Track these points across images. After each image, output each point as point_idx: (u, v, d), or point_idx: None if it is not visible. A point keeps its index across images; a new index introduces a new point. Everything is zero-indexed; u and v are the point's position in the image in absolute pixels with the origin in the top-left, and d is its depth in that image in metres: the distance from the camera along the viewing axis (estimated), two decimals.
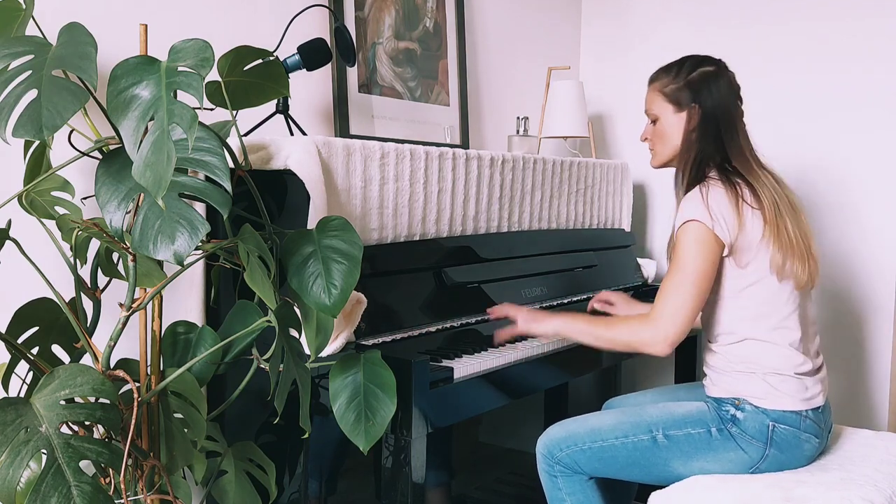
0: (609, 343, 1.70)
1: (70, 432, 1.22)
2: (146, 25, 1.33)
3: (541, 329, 1.75)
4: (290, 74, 1.73)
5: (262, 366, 1.41)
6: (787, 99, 2.59)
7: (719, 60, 1.77)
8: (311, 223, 1.53)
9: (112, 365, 1.34)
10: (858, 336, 2.52)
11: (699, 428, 1.66)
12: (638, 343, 1.65)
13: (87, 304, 1.46)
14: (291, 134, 1.87)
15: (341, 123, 2.07)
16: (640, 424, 1.70)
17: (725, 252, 1.63)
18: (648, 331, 1.63)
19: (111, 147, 1.26)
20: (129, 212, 1.20)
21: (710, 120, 1.71)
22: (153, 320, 1.40)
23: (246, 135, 1.81)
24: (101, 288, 1.42)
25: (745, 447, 1.62)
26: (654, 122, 1.81)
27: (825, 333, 2.54)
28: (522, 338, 1.89)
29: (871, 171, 2.47)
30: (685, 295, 1.61)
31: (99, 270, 1.41)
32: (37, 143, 1.36)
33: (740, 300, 1.66)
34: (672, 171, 1.81)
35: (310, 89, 2.07)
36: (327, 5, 2.06)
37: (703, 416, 1.68)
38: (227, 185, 1.19)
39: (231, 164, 1.28)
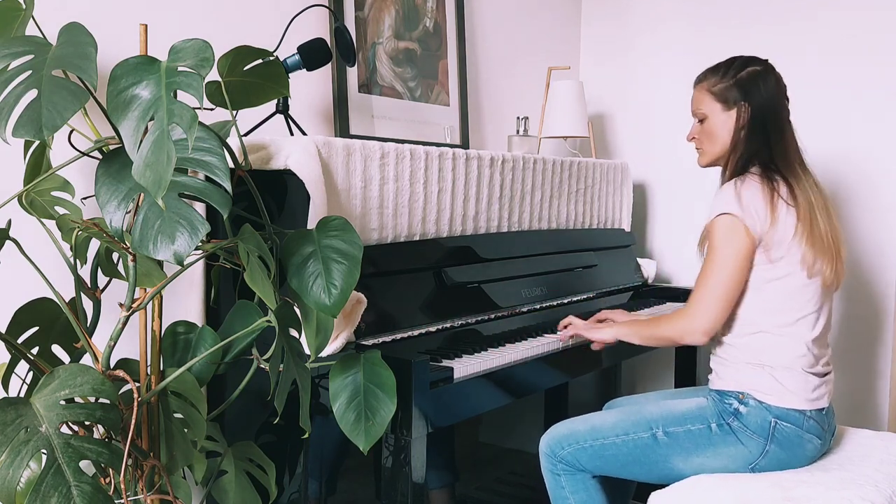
0: (655, 341, 1.79)
1: (70, 432, 1.22)
2: (146, 25, 1.33)
3: (599, 336, 1.86)
4: (290, 74, 1.73)
5: (262, 366, 1.41)
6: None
7: (766, 60, 1.78)
8: (311, 223, 1.53)
9: (112, 365, 1.34)
10: (860, 336, 2.52)
11: (699, 424, 1.67)
12: (677, 336, 1.72)
13: (87, 304, 1.46)
14: (291, 134, 1.87)
15: (341, 123, 2.07)
16: (640, 422, 1.71)
17: (756, 244, 1.66)
18: (685, 323, 1.70)
19: (111, 147, 1.26)
20: (129, 212, 1.20)
21: (758, 118, 1.73)
22: (153, 320, 1.40)
23: (246, 135, 1.81)
24: (101, 288, 1.42)
25: (746, 442, 1.63)
26: (701, 121, 1.82)
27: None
28: (525, 338, 1.89)
29: (871, 172, 2.47)
30: (718, 286, 1.66)
31: (99, 270, 1.41)
32: (37, 143, 1.36)
33: (764, 293, 1.67)
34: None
35: (310, 89, 2.07)
36: (327, 5, 2.06)
37: (703, 412, 1.69)
38: (227, 185, 1.19)
39: (231, 164, 1.28)
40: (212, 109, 1.45)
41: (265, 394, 1.42)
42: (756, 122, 1.73)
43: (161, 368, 1.41)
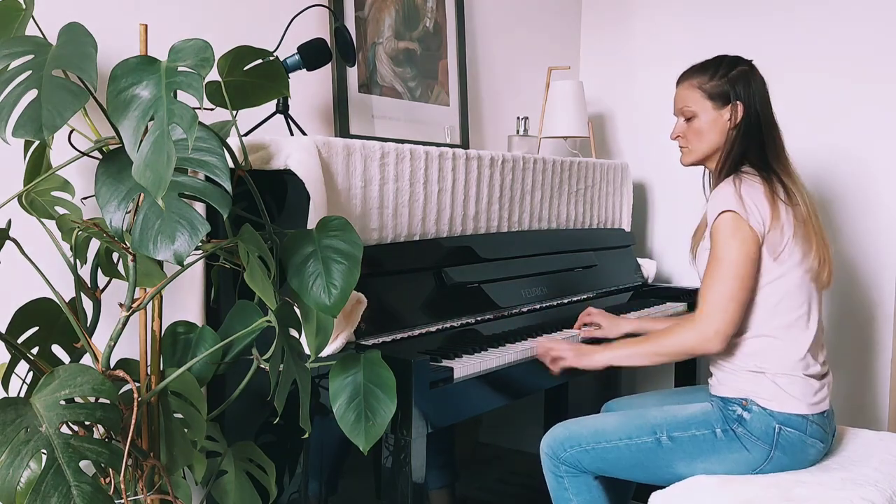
0: (664, 357, 1.71)
1: (70, 432, 1.22)
2: (146, 25, 1.33)
3: (591, 363, 1.75)
4: (290, 74, 1.73)
5: (262, 366, 1.41)
6: (783, 99, 2.59)
7: (750, 61, 1.78)
8: (311, 223, 1.53)
9: (112, 365, 1.34)
10: (859, 336, 2.52)
11: (703, 429, 1.66)
12: (690, 346, 1.66)
13: (87, 304, 1.46)
14: (291, 134, 1.87)
15: (341, 123, 2.07)
16: (643, 426, 1.70)
17: (760, 242, 1.65)
18: (697, 331, 1.64)
19: (111, 147, 1.26)
20: (129, 212, 1.20)
21: (752, 117, 1.72)
22: (153, 320, 1.40)
23: (246, 135, 1.81)
24: (101, 288, 1.42)
25: (750, 448, 1.62)
26: (688, 119, 1.80)
27: (826, 333, 2.54)
28: (525, 338, 1.89)
29: (872, 172, 2.47)
30: (729, 286, 1.61)
31: (99, 270, 1.41)
32: (37, 143, 1.36)
33: (761, 294, 1.66)
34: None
35: (310, 89, 2.07)
36: (327, 5, 2.06)
37: (707, 417, 1.68)
38: (227, 185, 1.19)
39: (231, 164, 1.28)
40: (212, 109, 1.44)
41: (265, 394, 1.42)
42: (749, 121, 1.72)
43: (161, 368, 1.41)
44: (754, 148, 1.71)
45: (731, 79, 1.74)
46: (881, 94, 2.44)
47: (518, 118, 2.59)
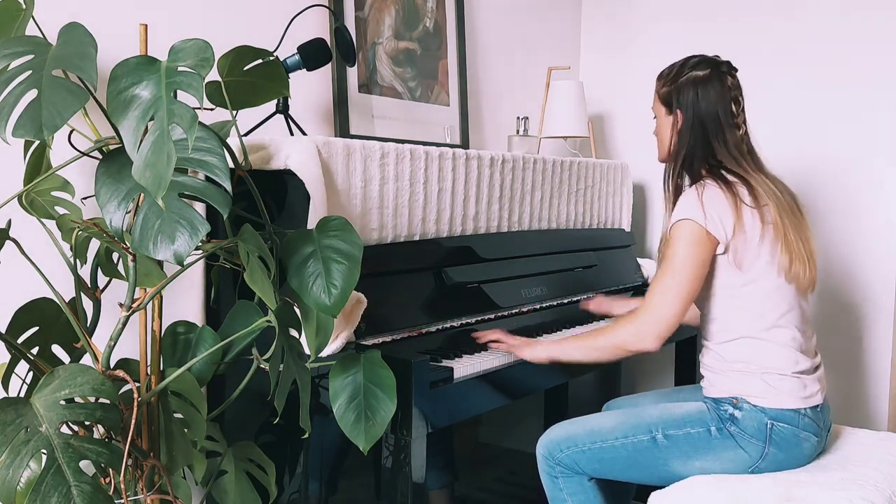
0: (600, 351, 1.71)
1: (70, 432, 1.22)
2: (146, 25, 1.33)
3: (532, 356, 1.75)
4: (290, 74, 1.73)
5: (262, 366, 1.41)
6: (788, 98, 2.59)
7: (719, 63, 1.75)
8: (311, 223, 1.53)
9: (112, 365, 1.34)
10: (858, 335, 2.52)
11: (698, 427, 1.66)
12: (627, 342, 1.67)
13: (87, 304, 1.46)
14: (291, 134, 1.87)
15: (341, 123, 2.07)
16: (639, 425, 1.70)
17: (721, 250, 1.65)
18: (636, 327, 1.65)
19: (111, 147, 1.26)
20: (129, 212, 1.20)
21: (695, 124, 1.72)
22: (153, 320, 1.40)
23: (246, 135, 1.81)
24: (101, 288, 1.42)
25: (745, 446, 1.62)
26: (655, 119, 1.86)
27: (825, 333, 2.54)
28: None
29: (872, 171, 2.47)
30: (675, 291, 1.63)
31: (99, 270, 1.41)
32: (37, 143, 1.36)
33: (737, 299, 1.66)
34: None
35: (310, 89, 2.07)
36: (327, 5, 2.06)
37: (702, 416, 1.68)
38: (227, 185, 1.19)
39: (231, 164, 1.28)
40: (212, 109, 1.44)
41: (265, 394, 1.42)
42: (692, 127, 1.72)
43: (161, 368, 1.41)
44: (703, 153, 1.71)
45: (679, 85, 1.75)
46: (878, 97, 2.44)
47: (518, 118, 2.59)
